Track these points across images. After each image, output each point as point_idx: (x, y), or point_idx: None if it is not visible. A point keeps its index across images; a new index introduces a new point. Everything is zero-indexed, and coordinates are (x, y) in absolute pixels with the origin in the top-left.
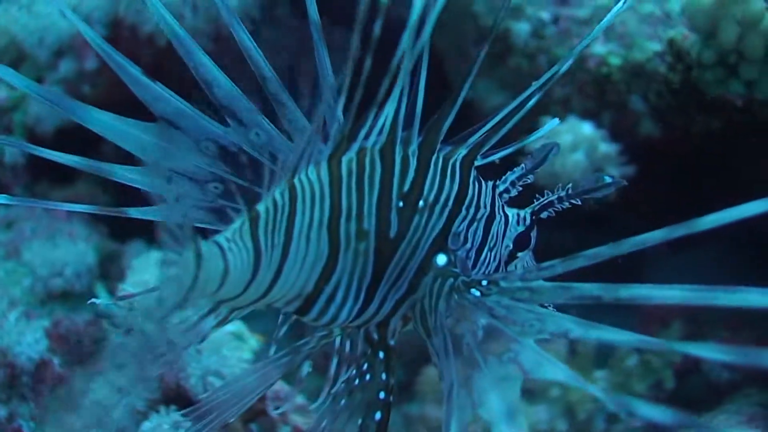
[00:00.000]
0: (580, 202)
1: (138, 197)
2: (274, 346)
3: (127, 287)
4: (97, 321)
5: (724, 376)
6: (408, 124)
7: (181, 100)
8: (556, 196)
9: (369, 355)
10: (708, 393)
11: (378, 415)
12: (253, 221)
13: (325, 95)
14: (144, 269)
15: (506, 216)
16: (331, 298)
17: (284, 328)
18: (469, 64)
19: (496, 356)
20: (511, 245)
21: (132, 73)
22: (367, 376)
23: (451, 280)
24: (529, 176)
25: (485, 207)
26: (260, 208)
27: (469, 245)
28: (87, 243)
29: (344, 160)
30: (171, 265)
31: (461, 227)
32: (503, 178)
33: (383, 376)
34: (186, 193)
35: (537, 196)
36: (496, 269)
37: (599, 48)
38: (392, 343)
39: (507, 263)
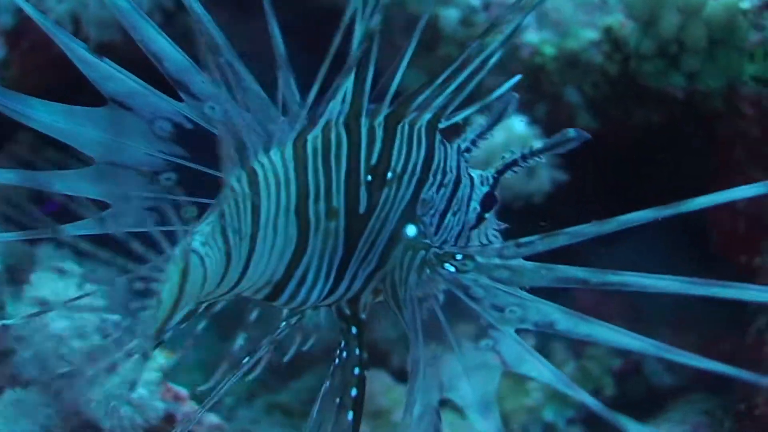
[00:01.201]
0: (543, 159)
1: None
2: (244, 335)
3: (23, 306)
4: (4, 331)
5: (666, 380)
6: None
7: (132, 77)
8: (519, 155)
9: (343, 331)
10: (650, 398)
11: (354, 392)
12: (221, 217)
13: (281, 71)
14: (43, 285)
15: (471, 178)
16: (301, 282)
17: (254, 314)
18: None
19: (471, 341)
20: (479, 207)
21: (79, 52)
22: (344, 354)
23: (423, 252)
24: (488, 132)
25: (452, 171)
26: (221, 201)
27: (433, 211)
28: None
29: (309, 138)
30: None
31: (429, 194)
32: (463, 137)
33: (356, 351)
34: (134, 197)
35: (502, 155)
36: (459, 234)
37: (533, 37)
38: (363, 317)
39: (475, 226)
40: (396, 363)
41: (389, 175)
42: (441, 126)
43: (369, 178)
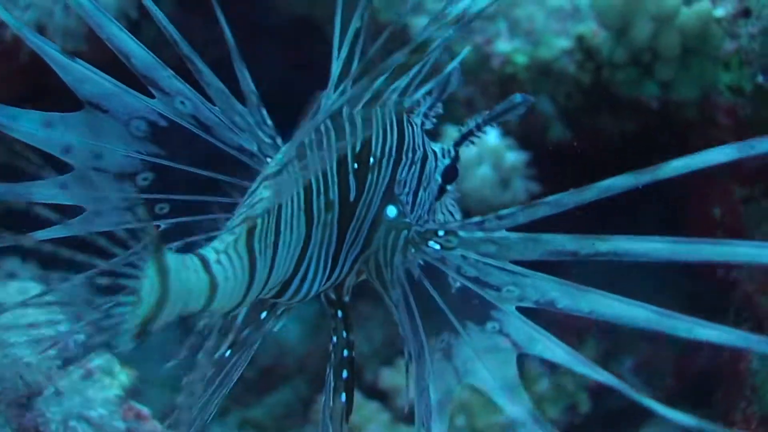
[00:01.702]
0: (496, 126)
1: None
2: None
3: None
4: None
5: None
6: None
7: (106, 77)
8: (474, 125)
9: (332, 316)
10: (626, 414)
11: (345, 374)
12: (250, 232)
13: (235, 63)
14: None
15: (434, 152)
16: (305, 276)
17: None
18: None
19: (476, 324)
20: (440, 179)
21: (53, 55)
22: (334, 339)
23: (405, 231)
24: (438, 105)
25: (419, 148)
26: (258, 215)
27: (407, 189)
28: None
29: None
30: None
31: (404, 174)
32: (416, 112)
33: (344, 334)
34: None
35: (459, 128)
36: (429, 208)
37: (504, 46)
38: (347, 299)
39: (437, 198)
40: (368, 378)
41: (371, 160)
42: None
43: (355, 165)
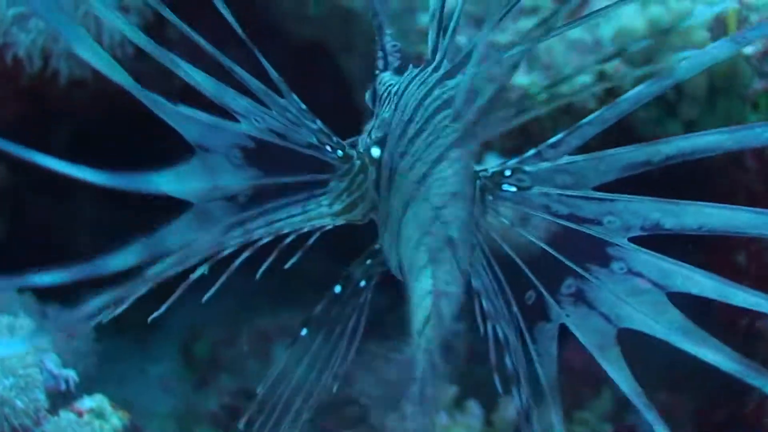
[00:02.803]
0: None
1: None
2: None
3: None
4: None
5: None
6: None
7: (196, 111)
8: (379, 47)
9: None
10: None
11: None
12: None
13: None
14: None
15: None
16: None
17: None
18: None
19: (599, 265)
20: None
21: (158, 103)
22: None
23: (477, 182)
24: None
25: None
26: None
27: None
28: None
29: None
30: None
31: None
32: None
33: None
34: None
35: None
36: None
37: (522, 79)
38: None
39: None
40: (375, 423)
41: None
42: None
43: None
